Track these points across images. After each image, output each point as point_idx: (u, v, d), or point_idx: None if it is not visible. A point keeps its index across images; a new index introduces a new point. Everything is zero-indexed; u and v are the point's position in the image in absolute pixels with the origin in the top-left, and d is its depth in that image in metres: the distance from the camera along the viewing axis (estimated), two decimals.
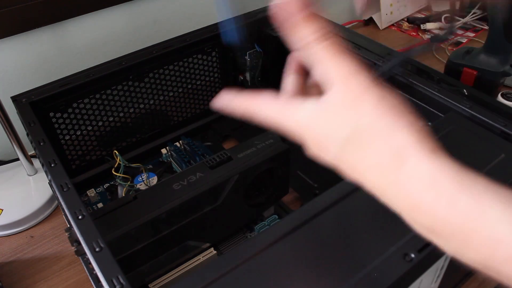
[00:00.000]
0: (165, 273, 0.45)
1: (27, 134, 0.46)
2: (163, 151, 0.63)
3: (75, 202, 0.37)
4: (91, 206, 0.57)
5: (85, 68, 0.55)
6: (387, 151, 0.24)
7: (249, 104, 0.29)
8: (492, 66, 0.73)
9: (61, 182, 0.39)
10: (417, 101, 0.49)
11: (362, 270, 0.31)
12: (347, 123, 0.25)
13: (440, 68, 0.83)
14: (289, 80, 0.30)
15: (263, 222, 0.53)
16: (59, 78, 0.54)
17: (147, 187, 0.54)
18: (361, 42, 0.56)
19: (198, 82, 0.65)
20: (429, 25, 1.01)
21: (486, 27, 0.99)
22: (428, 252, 0.32)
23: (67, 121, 0.55)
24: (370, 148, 0.25)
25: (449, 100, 0.46)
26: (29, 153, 0.61)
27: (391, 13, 1.03)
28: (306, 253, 0.32)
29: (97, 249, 0.33)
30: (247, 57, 0.66)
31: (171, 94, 0.63)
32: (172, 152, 0.61)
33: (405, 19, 1.05)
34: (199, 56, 0.63)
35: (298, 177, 0.58)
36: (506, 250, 0.21)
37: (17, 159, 0.62)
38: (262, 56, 0.67)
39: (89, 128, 0.57)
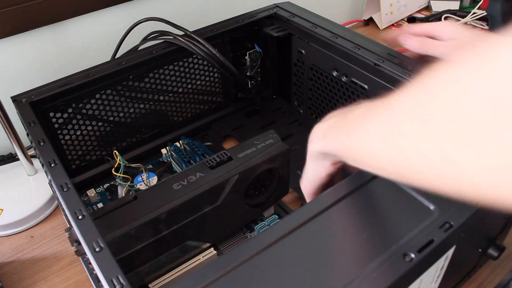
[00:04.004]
0: (165, 273, 0.45)
1: (27, 134, 0.46)
2: (163, 151, 0.63)
3: (75, 202, 0.37)
4: (91, 206, 0.57)
5: (85, 68, 0.55)
6: None
7: None
8: None
9: (61, 182, 0.39)
10: None
11: (362, 270, 0.31)
12: None
13: None
14: None
15: (263, 222, 0.53)
16: (59, 78, 0.54)
17: (147, 187, 0.54)
18: (361, 42, 0.56)
19: (198, 82, 0.65)
20: None
21: (486, 27, 0.99)
22: (428, 252, 0.32)
23: (67, 121, 0.55)
24: None
25: None
26: (29, 153, 0.61)
27: (391, 13, 1.02)
28: (306, 253, 0.32)
29: (97, 249, 0.33)
30: (247, 57, 0.66)
31: (171, 94, 0.63)
32: (172, 152, 0.61)
33: (405, 19, 1.05)
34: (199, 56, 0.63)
35: (298, 177, 0.58)
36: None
37: (17, 159, 0.62)
38: (262, 56, 0.67)
39: (89, 128, 0.57)
